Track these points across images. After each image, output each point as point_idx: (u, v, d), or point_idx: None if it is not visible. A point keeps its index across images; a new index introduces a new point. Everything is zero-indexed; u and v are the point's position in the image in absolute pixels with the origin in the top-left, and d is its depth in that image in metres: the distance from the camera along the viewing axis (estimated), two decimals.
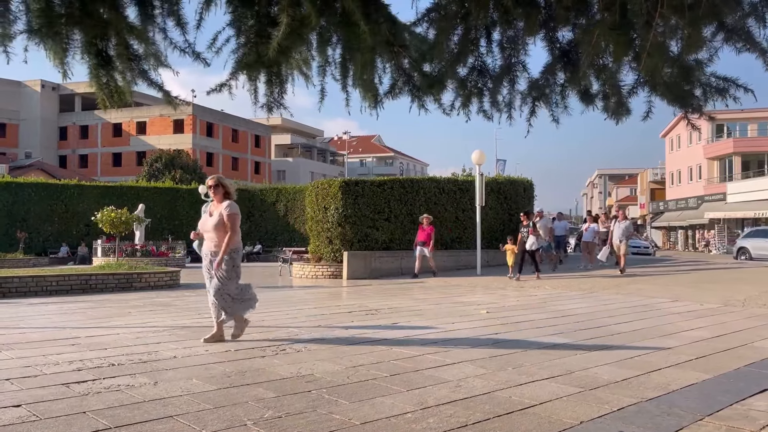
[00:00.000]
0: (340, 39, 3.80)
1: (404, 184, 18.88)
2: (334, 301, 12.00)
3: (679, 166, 59.72)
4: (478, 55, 4.28)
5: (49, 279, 12.93)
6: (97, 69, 3.68)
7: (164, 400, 4.49)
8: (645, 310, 9.97)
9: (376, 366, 5.69)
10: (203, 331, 7.73)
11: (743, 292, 12.46)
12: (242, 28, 3.76)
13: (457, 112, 4.46)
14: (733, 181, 48.60)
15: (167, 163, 45.07)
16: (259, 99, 3.99)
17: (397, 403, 4.49)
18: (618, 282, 14.87)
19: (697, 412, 4.33)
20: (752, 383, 5.17)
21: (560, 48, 4.22)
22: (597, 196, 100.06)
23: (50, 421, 3.98)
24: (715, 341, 7.16)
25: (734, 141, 50.18)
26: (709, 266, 21.47)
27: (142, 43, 3.68)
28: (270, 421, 4.05)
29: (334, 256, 17.63)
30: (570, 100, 4.39)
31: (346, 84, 4.01)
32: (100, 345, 6.67)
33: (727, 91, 3.89)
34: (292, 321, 8.75)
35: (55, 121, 61.29)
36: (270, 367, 5.64)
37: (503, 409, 4.38)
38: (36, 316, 9.32)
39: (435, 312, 9.75)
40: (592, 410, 4.35)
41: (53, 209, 29.05)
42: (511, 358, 6.09)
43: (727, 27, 3.64)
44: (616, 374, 5.42)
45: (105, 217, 19.59)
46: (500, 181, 22.01)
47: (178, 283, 14.89)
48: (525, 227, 15.85)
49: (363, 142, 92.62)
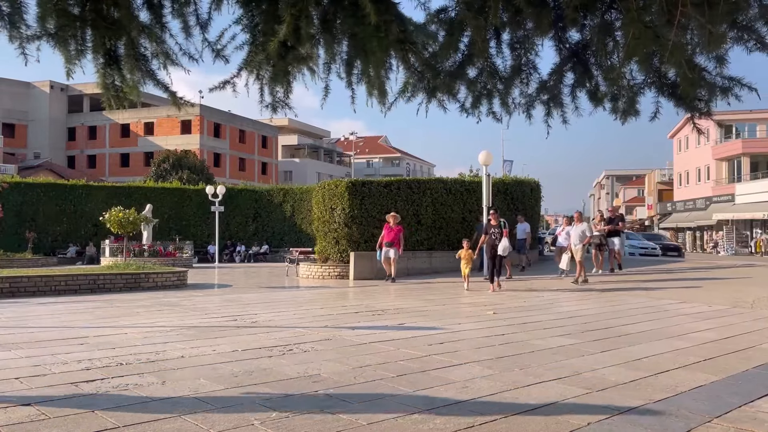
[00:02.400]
0: (350, 37, 3.81)
1: (411, 185, 18.87)
2: (341, 302, 12.01)
3: (687, 167, 59.44)
4: (488, 55, 4.28)
5: (58, 279, 13.01)
6: (105, 69, 3.71)
7: (172, 400, 4.51)
8: (653, 311, 9.93)
9: (382, 366, 5.69)
10: (211, 331, 7.76)
11: (752, 293, 12.39)
12: (248, 26, 3.78)
13: (467, 113, 4.47)
14: (741, 182, 48.32)
15: (175, 164, 45.20)
16: (264, 98, 4.00)
17: (403, 403, 4.49)
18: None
19: (705, 414, 4.31)
20: (760, 385, 5.14)
21: (569, 48, 4.22)
22: (604, 197, 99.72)
23: (59, 420, 4.01)
24: (723, 343, 7.13)
25: (743, 142, 49.90)
26: (714, 274, 21.35)
27: (153, 42, 3.70)
28: (277, 420, 4.06)
29: (340, 256, 17.64)
30: (578, 100, 4.39)
31: (351, 81, 4.01)
32: (108, 344, 6.71)
33: (731, 90, 3.89)
34: (299, 321, 8.77)
35: (63, 121, 61.63)
36: (277, 367, 5.65)
37: (510, 410, 4.37)
38: (45, 316, 9.37)
39: (441, 313, 9.75)
40: (600, 411, 4.34)
41: (62, 209, 29.20)
42: (518, 359, 6.08)
43: (738, 25, 3.63)
44: (624, 375, 5.40)
45: (113, 218, 19.67)
46: (507, 181, 21.96)
47: (185, 283, 14.94)
48: (496, 228, 13.73)
49: (370, 142, 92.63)
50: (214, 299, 12.34)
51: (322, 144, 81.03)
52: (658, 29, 3.45)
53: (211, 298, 12.58)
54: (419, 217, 18.39)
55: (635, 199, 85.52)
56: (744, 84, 3.87)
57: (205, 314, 9.57)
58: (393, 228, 15.70)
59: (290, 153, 75.13)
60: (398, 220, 15.92)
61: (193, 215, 31.56)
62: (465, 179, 22.20)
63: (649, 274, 17.17)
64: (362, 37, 3.62)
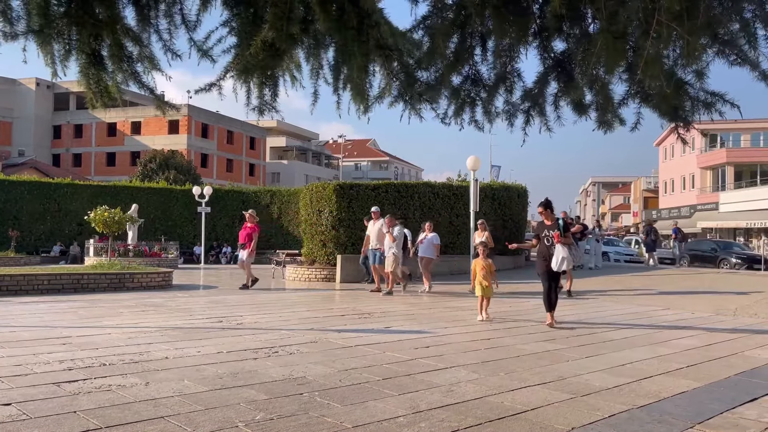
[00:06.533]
0: (333, 42, 3.82)
1: (399, 188, 18.90)
2: (327, 304, 11.98)
3: (673, 175, 60.02)
4: (473, 63, 4.31)
5: (41, 278, 12.87)
6: (88, 68, 3.69)
7: (155, 401, 4.47)
8: (637, 317, 10.00)
9: (368, 369, 5.69)
10: (196, 332, 7.71)
11: (734, 301, 12.52)
12: (235, 28, 3.78)
13: (449, 121, 4.48)
14: (725, 191, 48.87)
15: (161, 164, 44.90)
16: (251, 101, 4.00)
17: (389, 406, 4.49)
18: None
19: (687, 420, 4.35)
20: (742, 392, 5.20)
21: (554, 58, 4.26)
22: (590, 203, 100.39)
23: (40, 420, 3.96)
24: (705, 350, 7.20)
25: (727, 151, 50.50)
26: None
27: (136, 45, 3.69)
28: (261, 423, 4.05)
29: (327, 259, 17.61)
30: (563, 109, 4.43)
31: (338, 87, 4.02)
32: (91, 345, 6.64)
33: (714, 105, 3.95)
34: (285, 323, 8.74)
35: (49, 119, 61.01)
36: (262, 369, 5.62)
37: (495, 414, 4.39)
38: (27, 315, 9.27)
39: (428, 316, 9.76)
40: (584, 417, 4.37)
41: (46, 208, 28.89)
42: (504, 364, 6.11)
43: (720, 39, 3.69)
44: (608, 381, 5.44)
45: (98, 217, 19.49)
46: (495, 187, 22.06)
47: (170, 284, 14.84)
48: (550, 229, 8.95)
49: (358, 145, 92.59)
50: (199, 300, 12.25)
51: (311, 146, 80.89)
52: (637, 40, 3.49)
53: (196, 299, 12.49)
54: (407, 220, 18.39)
55: (621, 206, 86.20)
56: (726, 100, 3.93)
57: (190, 315, 9.50)
58: (248, 227, 14.97)
59: (278, 155, 74.90)
60: (256, 220, 15.24)
61: (179, 216, 31.35)
62: (453, 184, 22.26)
63: (616, 287, 17.27)
64: (343, 43, 3.64)
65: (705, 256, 27.89)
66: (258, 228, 15.25)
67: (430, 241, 14.16)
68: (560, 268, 8.63)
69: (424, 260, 14.19)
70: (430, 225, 14.53)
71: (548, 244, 8.85)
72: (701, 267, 25.32)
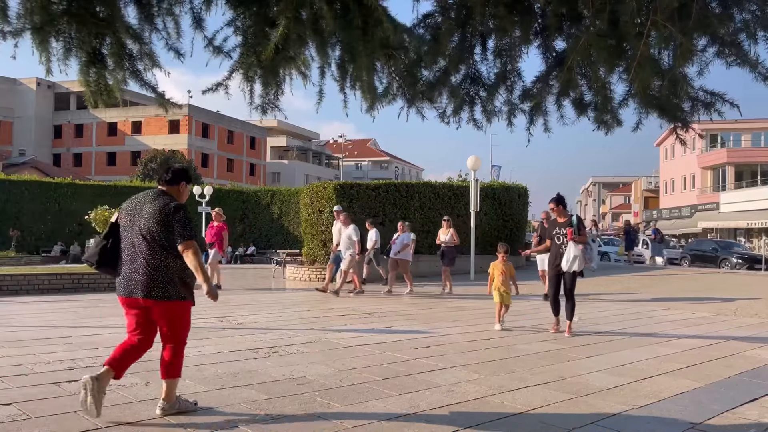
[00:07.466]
0: (340, 40, 3.81)
1: (399, 188, 18.89)
2: (328, 304, 11.97)
3: (673, 175, 60.00)
4: (473, 62, 4.30)
5: (42, 278, 12.87)
6: (87, 66, 3.68)
7: (156, 401, 4.47)
8: (637, 317, 10.00)
9: (368, 369, 5.69)
10: (196, 332, 7.69)
11: (735, 301, 12.51)
12: (241, 28, 3.77)
13: (448, 120, 4.48)
14: (726, 191, 48.85)
15: (162, 163, 44.91)
16: (254, 100, 3.99)
17: (389, 406, 4.49)
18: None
19: (687, 420, 4.35)
20: (743, 392, 5.20)
21: (555, 57, 4.25)
22: (591, 203, 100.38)
23: (41, 420, 3.96)
24: (706, 350, 7.19)
25: (728, 151, 50.47)
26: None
27: (137, 42, 3.68)
28: (262, 423, 4.05)
29: (328, 258, 17.60)
30: (564, 109, 4.42)
31: (344, 85, 4.01)
32: (91, 344, 6.65)
33: (713, 105, 3.94)
34: (285, 323, 8.74)
35: (49, 119, 61.02)
36: (262, 368, 5.63)
37: (496, 414, 4.39)
38: (27, 315, 9.27)
39: (427, 316, 9.76)
40: (584, 417, 4.37)
41: (46, 208, 28.89)
42: (504, 364, 6.10)
43: (719, 40, 3.68)
44: (608, 381, 5.43)
45: (98, 217, 19.45)
46: (495, 186, 22.03)
47: None
48: (562, 226, 8.34)
49: (359, 145, 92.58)
50: (199, 300, 12.24)
51: (311, 146, 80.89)
52: (629, 40, 3.48)
53: (196, 298, 12.48)
54: (407, 220, 18.38)
55: (622, 206, 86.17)
56: (726, 99, 3.92)
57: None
58: (214, 226, 14.46)
59: (279, 154, 74.90)
60: (223, 218, 14.66)
61: None
62: (453, 184, 22.24)
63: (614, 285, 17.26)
64: (349, 41, 3.63)
65: (706, 256, 27.91)
66: (225, 226, 14.75)
67: (401, 241, 13.64)
68: (571, 268, 7.96)
69: (401, 263, 13.64)
70: (402, 224, 14.05)
71: (559, 242, 8.22)
72: (702, 267, 25.34)
